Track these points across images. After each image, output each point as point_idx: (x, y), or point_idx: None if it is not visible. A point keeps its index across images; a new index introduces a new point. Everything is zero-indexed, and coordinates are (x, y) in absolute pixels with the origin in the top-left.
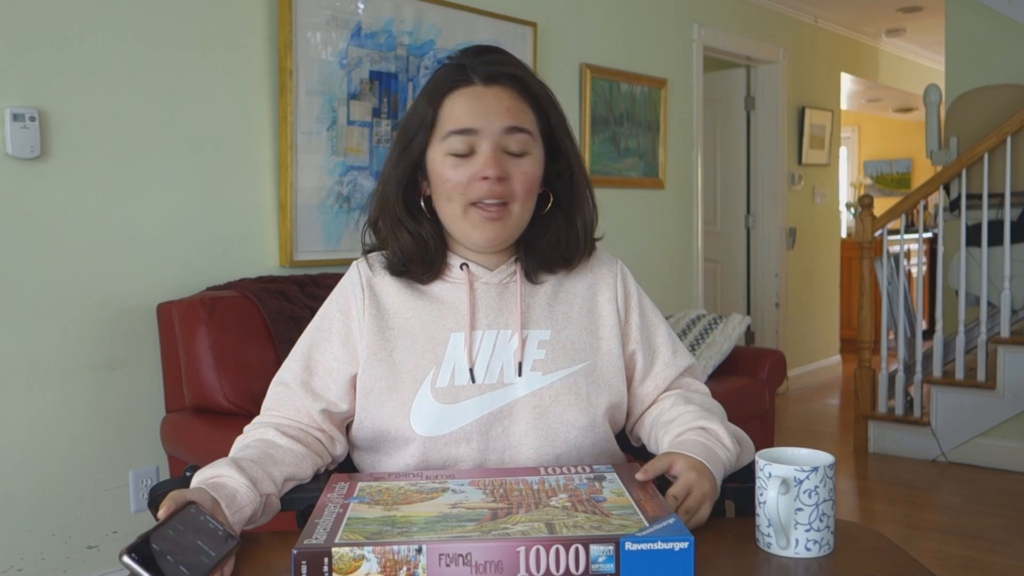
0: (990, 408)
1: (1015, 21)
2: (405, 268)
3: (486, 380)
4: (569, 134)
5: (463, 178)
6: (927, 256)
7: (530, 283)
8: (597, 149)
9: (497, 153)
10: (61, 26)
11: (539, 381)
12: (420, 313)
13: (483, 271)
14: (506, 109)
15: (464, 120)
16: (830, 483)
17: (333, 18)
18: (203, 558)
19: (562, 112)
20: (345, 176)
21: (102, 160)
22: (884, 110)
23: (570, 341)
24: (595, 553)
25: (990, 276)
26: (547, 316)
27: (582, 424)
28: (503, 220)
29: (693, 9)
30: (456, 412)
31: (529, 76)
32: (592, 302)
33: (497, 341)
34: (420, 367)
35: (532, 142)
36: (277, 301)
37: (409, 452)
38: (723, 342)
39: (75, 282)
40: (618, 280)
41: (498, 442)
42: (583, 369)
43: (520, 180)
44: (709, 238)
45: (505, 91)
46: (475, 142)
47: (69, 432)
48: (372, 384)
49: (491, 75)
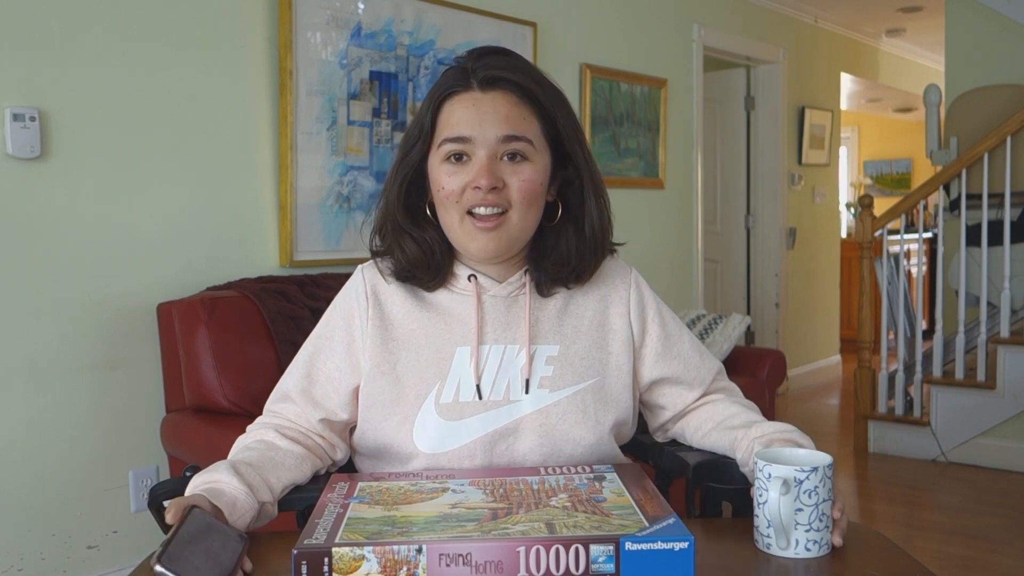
0: (990, 408)
1: (1015, 21)
2: (411, 274)
3: (492, 396)
4: (579, 139)
5: (457, 186)
6: (927, 256)
7: (540, 296)
8: (597, 149)
9: (492, 162)
10: (61, 26)
11: (546, 398)
12: (426, 325)
13: (491, 283)
14: (504, 117)
15: (459, 127)
16: (829, 483)
17: (333, 18)
18: (223, 557)
19: (573, 116)
20: (345, 176)
21: (102, 160)
22: (884, 110)
23: (578, 357)
24: (595, 553)
25: (990, 276)
26: (556, 331)
27: (588, 442)
28: (499, 230)
29: (693, 9)
30: (460, 429)
31: (533, 80)
32: (603, 316)
33: (504, 356)
34: (424, 381)
35: (533, 150)
36: (277, 301)
37: (411, 467)
38: (723, 342)
39: (75, 282)
40: (632, 292)
41: (502, 459)
42: (591, 386)
43: (518, 188)
44: (709, 238)
45: (504, 97)
46: (470, 150)
47: (69, 432)
48: (375, 397)
49: (490, 80)
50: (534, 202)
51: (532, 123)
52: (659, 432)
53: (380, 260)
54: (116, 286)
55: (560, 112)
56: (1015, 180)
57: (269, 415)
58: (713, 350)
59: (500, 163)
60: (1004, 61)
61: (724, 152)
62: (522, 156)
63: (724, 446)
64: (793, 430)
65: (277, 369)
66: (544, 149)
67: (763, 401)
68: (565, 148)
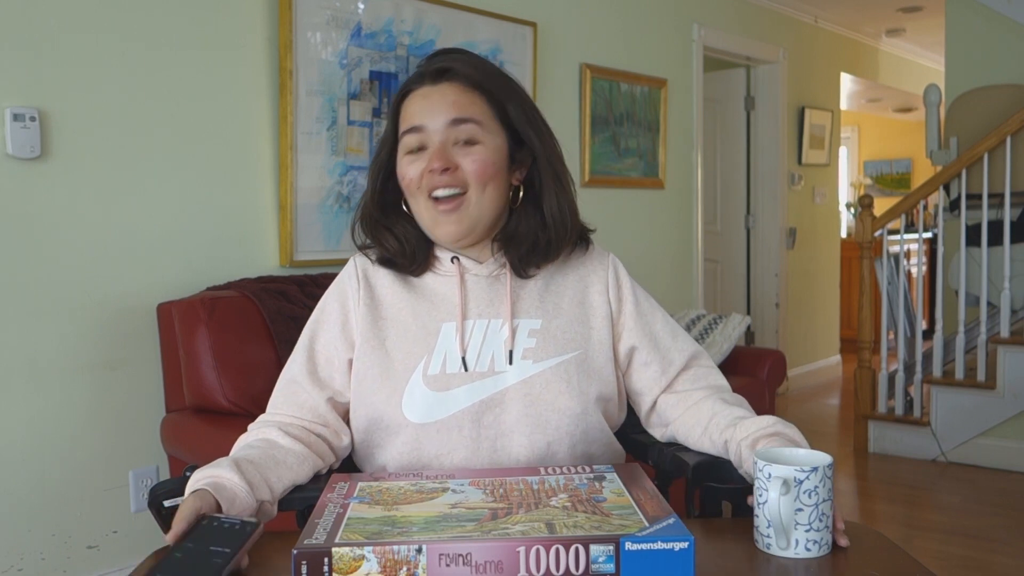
0: (990, 408)
1: (1015, 21)
2: (394, 263)
3: (477, 368)
4: (533, 124)
5: (416, 173)
6: (927, 256)
7: (519, 277)
8: (597, 149)
9: (444, 146)
10: (61, 26)
11: (530, 369)
12: (413, 304)
13: (473, 264)
14: (452, 103)
15: (413, 119)
16: (829, 483)
17: (333, 18)
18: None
19: (525, 100)
20: (345, 176)
21: (102, 160)
22: (884, 110)
23: (560, 330)
24: (595, 553)
25: (990, 276)
26: (538, 306)
27: (574, 412)
28: (459, 212)
29: (693, 9)
30: (447, 400)
31: (479, 69)
32: (583, 294)
33: (488, 330)
34: (412, 355)
35: (483, 132)
36: (277, 301)
37: (401, 440)
38: (723, 342)
39: (75, 282)
40: (609, 272)
41: (490, 429)
42: (574, 358)
43: (471, 168)
44: (709, 238)
45: (452, 86)
46: (426, 139)
47: (69, 432)
48: (365, 371)
49: (438, 72)
50: (490, 181)
51: (481, 107)
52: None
53: (369, 251)
54: (116, 286)
55: (509, 96)
56: (1015, 180)
57: (272, 413)
58: (713, 350)
59: (453, 148)
60: (1004, 61)
61: (724, 152)
62: (473, 140)
63: (717, 452)
64: (776, 422)
65: (277, 369)
66: (497, 131)
67: (763, 401)
68: (518, 131)
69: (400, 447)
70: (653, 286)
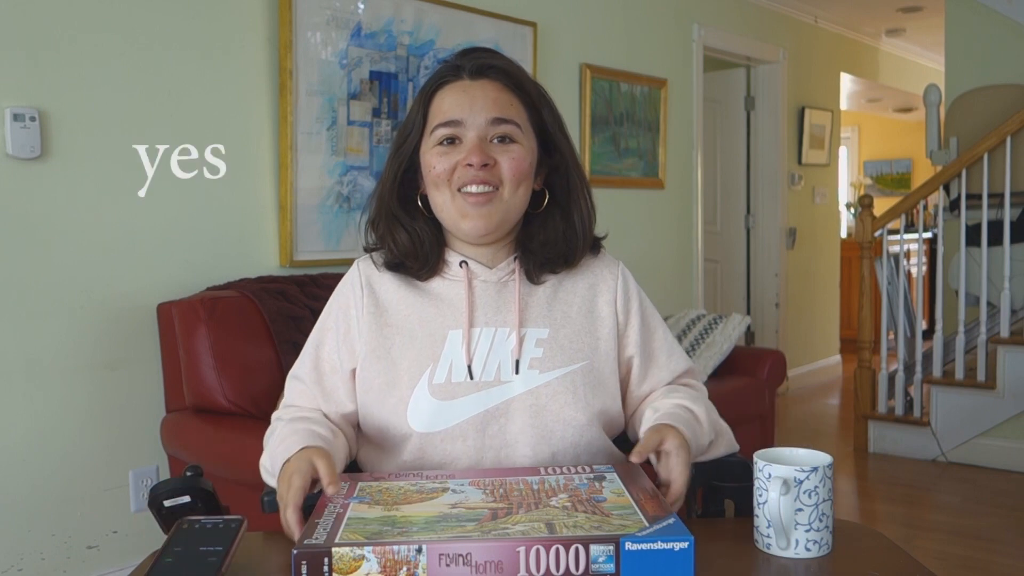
0: (990, 408)
1: (1015, 21)
2: (402, 265)
3: (483, 377)
4: (563, 131)
5: (448, 165)
6: (927, 256)
7: (530, 283)
8: (597, 149)
9: (483, 142)
10: (61, 26)
11: (536, 379)
12: (419, 310)
13: (482, 269)
14: (493, 101)
15: (451, 112)
16: (829, 483)
17: (333, 18)
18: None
19: (556, 111)
20: (345, 176)
21: (102, 160)
22: (884, 110)
23: (568, 340)
24: (595, 553)
25: (990, 276)
26: (545, 315)
27: (579, 423)
28: (490, 206)
29: (693, 9)
30: (452, 409)
31: (520, 73)
32: (592, 303)
33: (495, 339)
34: (418, 364)
35: (520, 133)
36: (277, 301)
37: (407, 449)
38: (723, 342)
39: (75, 282)
40: (619, 282)
41: (494, 440)
42: (581, 369)
43: (508, 166)
44: (709, 238)
45: (492, 84)
46: (461, 132)
47: (69, 432)
48: (371, 381)
49: (479, 68)
50: (523, 180)
51: (519, 109)
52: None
53: (374, 254)
54: (116, 286)
55: (544, 104)
56: (1015, 180)
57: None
58: (713, 350)
59: (490, 144)
60: (1004, 61)
61: (724, 152)
62: (511, 139)
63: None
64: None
65: (277, 369)
66: (531, 135)
67: (763, 401)
68: (551, 137)
69: (405, 456)
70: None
